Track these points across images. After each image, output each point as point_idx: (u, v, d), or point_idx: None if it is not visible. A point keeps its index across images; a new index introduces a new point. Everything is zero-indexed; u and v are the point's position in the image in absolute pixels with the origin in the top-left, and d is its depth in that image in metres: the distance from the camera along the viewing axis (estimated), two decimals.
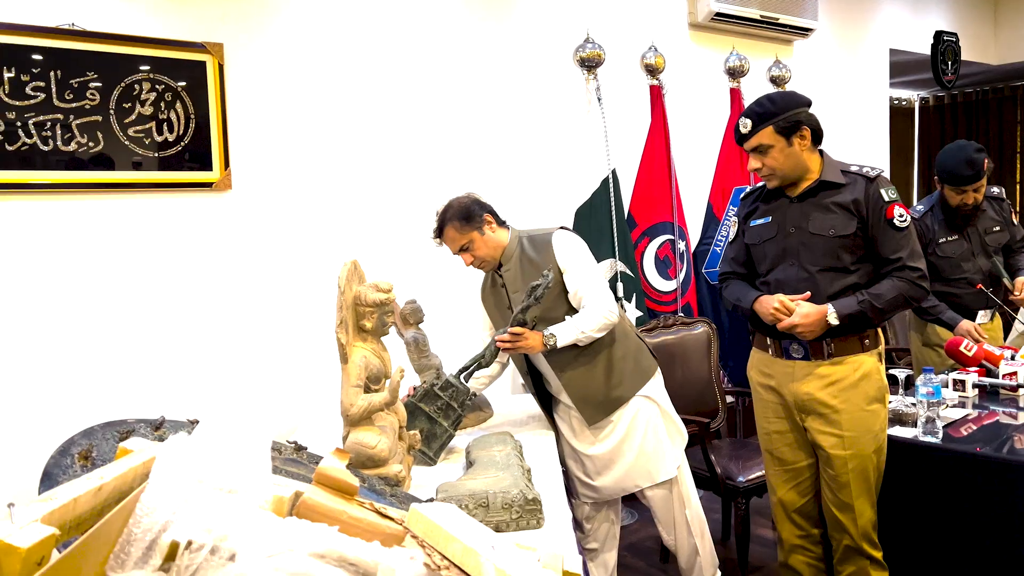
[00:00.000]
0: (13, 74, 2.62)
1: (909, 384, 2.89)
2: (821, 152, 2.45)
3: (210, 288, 3.04)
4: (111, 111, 2.80)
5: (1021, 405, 2.83)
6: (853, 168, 2.42)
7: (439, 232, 2.52)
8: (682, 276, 4.04)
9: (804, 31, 4.87)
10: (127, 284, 2.88)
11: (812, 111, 2.42)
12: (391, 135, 3.46)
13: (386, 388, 2.01)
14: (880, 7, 5.72)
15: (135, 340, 2.90)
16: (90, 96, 2.76)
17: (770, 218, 2.50)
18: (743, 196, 2.70)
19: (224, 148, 3.02)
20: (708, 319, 3.67)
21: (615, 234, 3.73)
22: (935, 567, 2.48)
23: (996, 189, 3.49)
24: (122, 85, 2.82)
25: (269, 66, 3.15)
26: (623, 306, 3.63)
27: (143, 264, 2.91)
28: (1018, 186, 7.22)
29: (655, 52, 4.04)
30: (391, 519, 1.02)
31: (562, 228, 2.61)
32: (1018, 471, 2.29)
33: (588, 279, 2.49)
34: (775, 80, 4.65)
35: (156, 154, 2.90)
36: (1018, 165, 7.21)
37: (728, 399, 3.59)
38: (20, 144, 2.65)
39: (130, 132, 2.84)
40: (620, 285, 3.70)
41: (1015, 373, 2.95)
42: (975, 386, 2.94)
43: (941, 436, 2.51)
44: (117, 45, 2.80)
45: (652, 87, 4.05)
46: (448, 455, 2.35)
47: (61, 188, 2.74)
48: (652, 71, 4.05)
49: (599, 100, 3.78)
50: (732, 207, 4.16)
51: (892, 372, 2.84)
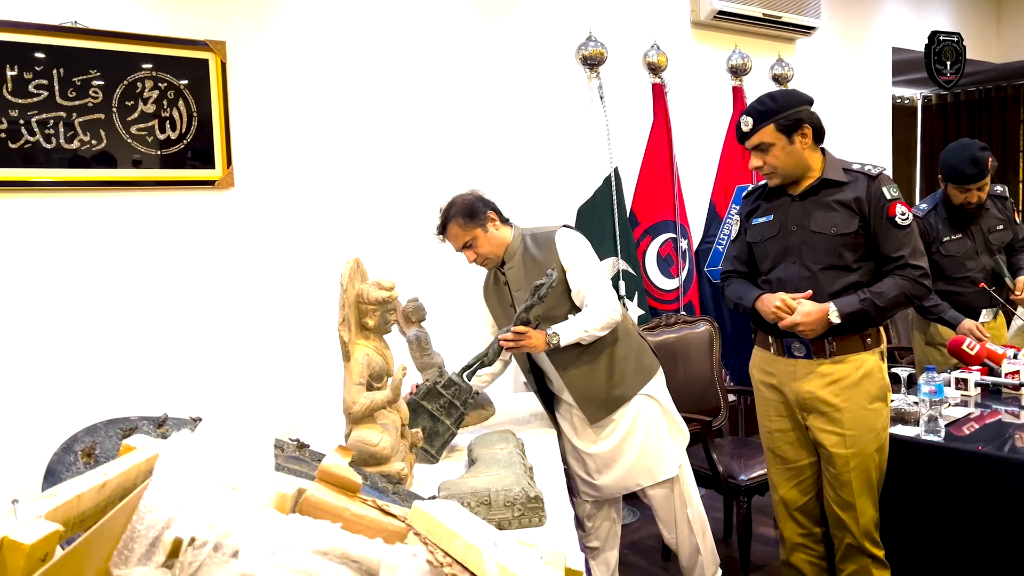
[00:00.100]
0: (16, 72, 2.63)
1: (911, 383, 2.88)
2: (823, 150, 2.45)
3: (212, 286, 3.04)
4: (114, 109, 2.80)
5: (1023, 404, 2.83)
6: (855, 166, 2.41)
7: (442, 229, 2.52)
8: (684, 274, 4.04)
9: (807, 29, 4.87)
10: (129, 282, 2.89)
11: (814, 109, 2.42)
12: (394, 133, 3.46)
13: (388, 386, 2.01)
14: (883, 5, 5.71)
15: (138, 338, 2.90)
16: (93, 94, 2.76)
17: (772, 216, 2.50)
18: (745, 194, 2.70)
19: (226, 146, 3.02)
20: (710, 317, 3.67)
21: (617, 232, 3.73)
22: (937, 566, 2.48)
23: (1000, 188, 3.48)
24: (125, 83, 2.82)
25: (271, 64, 3.16)
26: (625, 305, 3.63)
27: (145, 262, 2.92)
28: (1021, 184, 7.20)
29: (657, 50, 4.04)
30: (394, 516, 1.03)
31: (565, 226, 2.61)
32: (1020, 470, 2.29)
33: (591, 277, 2.49)
34: (777, 78, 4.64)
35: (158, 152, 2.90)
36: (1020, 164, 7.19)
37: (730, 397, 3.59)
38: (23, 142, 2.65)
39: (133, 130, 2.85)
40: (622, 283, 3.70)
41: (1017, 372, 2.94)
42: (977, 385, 2.93)
43: (943, 435, 2.50)
44: (120, 43, 2.80)
45: (654, 85, 4.05)
46: (450, 453, 2.35)
47: (64, 186, 2.75)
48: (654, 69, 4.05)
49: (601, 98, 3.78)
50: (734, 205, 4.16)
51: (894, 371, 2.84)
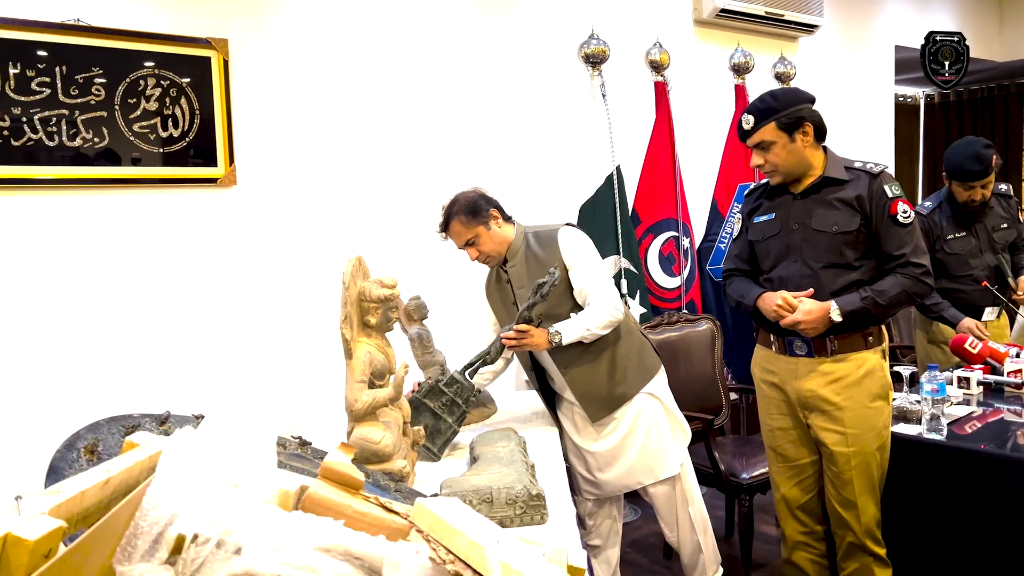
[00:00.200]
0: (18, 70, 2.63)
1: (914, 381, 2.88)
2: (825, 149, 2.45)
3: (215, 284, 3.05)
4: (116, 107, 2.81)
5: None
6: (857, 164, 2.41)
7: (445, 226, 2.52)
8: (686, 273, 4.04)
9: (809, 27, 4.86)
10: (132, 279, 2.89)
11: (816, 108, 2.42)
12: (396, 131, 3.46)
13: (390, 384, 2.01)
14: (885, 4, 5.70)
15: (140, 335, 2.91)
16: (95, 92, 2.77)
17: (773, 215, 2.50)
18: (747, 193, 2.70)
19: (229, 144, 3.02)
20: (712, 316, 3.67)
21: (619, 231, 3.73)
22: (939, 564, 2.48)
23: (1004, 186, 3.47)
24: (127, 81, 2.82)
25: (274, 62, 3.16)
26: (627, 303, 3.63)
27: (148, 260, 2.92)
28: None
29: (660, 48, 4.04)
30: (396, 513, 1.03)
31: (568, 224, 2.60)
32: (1022, 469, 2.28)
33: (594, 276, 2.48)
34: (780, 77, 4.64)
35: (161, 150, 2.90)
36: (1023, 162, 7.18)
37: (732, 396, 3.59)
38: (26, 139, 2.65)
39: (135, 128, 2.85)
40: (624, 282, 3.70)
41: (1020, 371, 2.94)
42: (980, 383, 2.93)
43: (945, 433, 2.50)
44: (122, 41, 2.80)
45: (657, 83, 4.05)
46: (452, 451, 2.36)
47: (66, 184, 2.75)
48: (657, 67, 4.04)
49: (604, 96, 3.78)
50: (736, 204, 4.16)
51: (897, 369, 2.84)
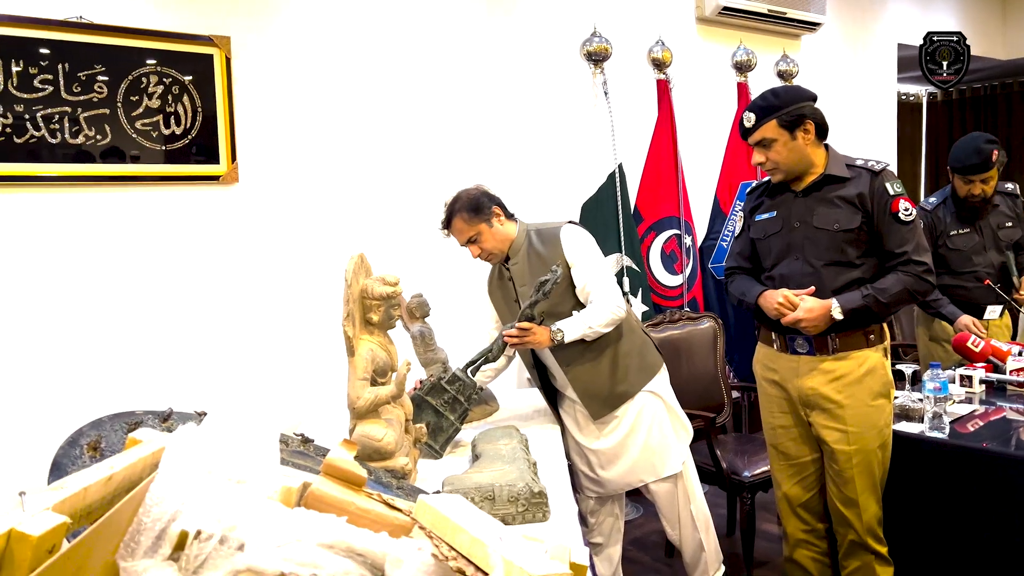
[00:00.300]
0: (21, 67, 2.63)
1: (916, 380, 2.88)
2: (827, 146, 2.44)
3: (217, 281, 3.05)
4: (118, 104, 2.81)
5: None
6: (858, 162, 2.41)
7: (447, 223, 2.52)
8: (688, 271, 4.04)
9: (812, 25, 4.85)
10: (134, 277, 2.89)
11: (818, 106, 2.41)
12: (398, 128, 3.46)
13: (392, 381, 2.01)
14: (888, 2, 5.69)
15: (142, 332, 2.91)
16: (98, 89, 2.77)
17: (775, 212, 2.49)
18: (749, 191, 2.70)
19: (231, 141, 3.02)
20: (714, 314, 3.67)
21: (621, 229, 3.73)
22: (941, 562, 2.48)
23: (1011, 185, 3.47)
24: (129, 78, 2.82)
25: (276, 59, 3.16)
26: (629, 301, 3.63)
27: (150, 257, 2.92)
28: None
29: (662, 46, 4.04)
30: (399, 510, 1.03)
31: (570, 222, 2.60)
32: None
33: (596, 274, 2.48)
34: (782, 75, 4.63)
35: (163, 147, 2.91)
36: None
37: (734, 394, 3.59)
38: (28, 137, 2.65)
39: (137, 125, 2.85)
40: (626, 280, 3.70)
41: (1022, 369, 2.94)
42: (982, 382, 2.93)
43: (948, 432, 2.50)
44: (124, 38, 2.81)
45: (659, 81, 4.04)
46: (454, 448, 2.36)
47: (69, 181, 2.75)
48: (659, 65, 4.04)
49: (606, 94, 3.77)
50: (739, 202, 4.16)
51: (899, 367, 2.84)
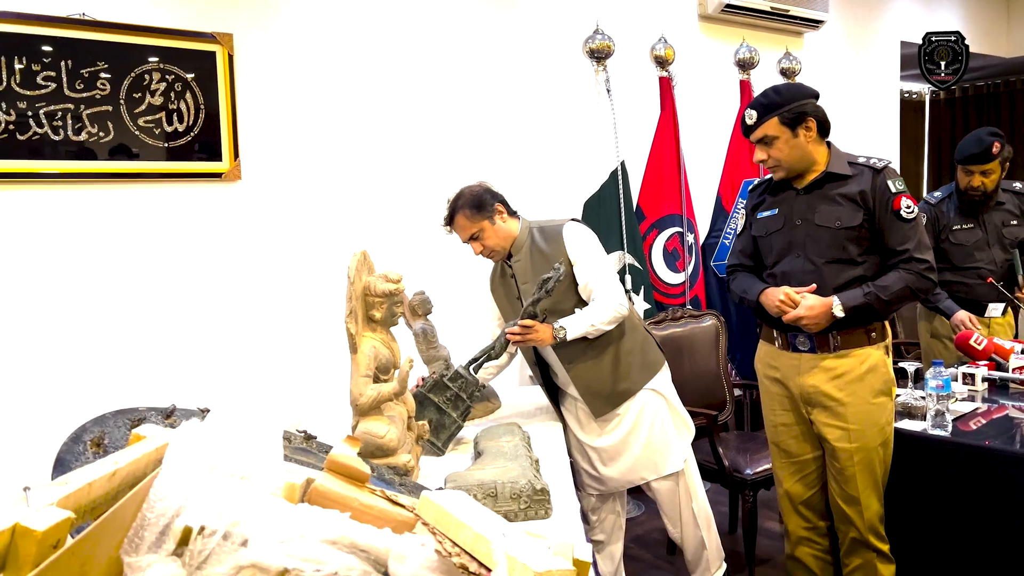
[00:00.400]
0: (24, 64, 2.63)
1: (919, 377, 2.88)
2: (829, 144, 2.44)
3: (220, 279, 3.05)
4: (121, 101, 2.81)
5: None
6: (860, 159, 2.40)
7: (450, 220, 2.51)
8: (690, 269, 4.04)
9: (814, 23, 4.85)
10: (136, 274, 2.90)
11: (821, 103, 2.41)
12: (401, 126, 3.46)
13: (395, 378, 2.01)
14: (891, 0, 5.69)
15: (145, 329, 2.91)
16: (100, 86, 2.77)
17: (777, 210, 2.49)
18: (751, 188, 2.70)
19: (234, 138, 3.03)
20: (716, 312, 3.67)
21: (624, 226, 3.72)
22: (943, 560, 2.48)
23: (1018, 184, 3.47)
24: (132, 75, 2.82)
25: (279, 56, 3.15)
26: (631, 299, 3.63)
27: (153, 254, 2.92)
28: None
29: (665, 44, 4.03)
30: (402, 506, 1.03)
31: (573, 220, 2.60)
32: None
33: (599, 271, 2.48)
34: (785, 72, 4.62)
35: (166, 144, 2.91)
36: None
37: (736, 392, 3.59)
38: (31, 134, 2.66)
39: (140, 122, 2.85)
40: (628, 278, 3.70)
41: None
42: (985, 380, 2.93)
43: (950, 429, 2.50)
44: (127, 35, 2.81)
45: (661, 79, 4.04)
46: (456, 446, 2.36)
47: (71, 178, 2.75)
48: (662, 63, 4.03)
49: (608, 92, 3.77)
50: (741, 199, 4.15)
51: (902, 365, 2.83)
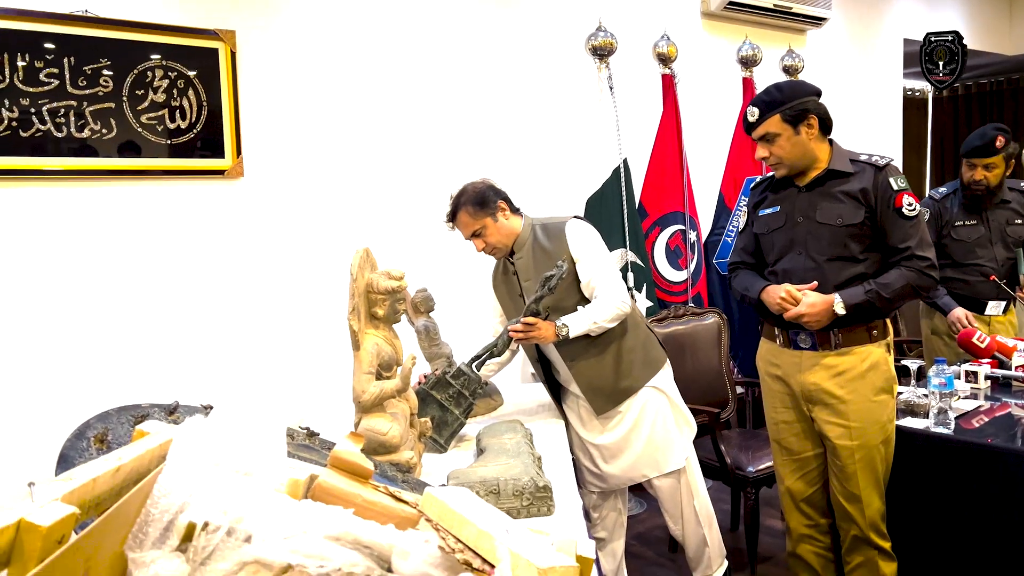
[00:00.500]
0: (27, 61, 2.63)
1: (921, 375, 2.88)
2: (831, 141, 2.44)
3: (222, 276, 3.05)
4: (124, 98, 2.81)
5: None
6: (862, 157, 2.40)
7: (452, 216, 2.51)
8: (693, 266, 4.04)
9: (817, 20, 4.84)
10: (139, 271, 2.90)
11: (823, 101, 2.41)
12: (403, 123, 3.46)
13: (398, 375, 2.01)
14: None
15: (148, 326, 2.92)
16: (103, 83, 2.77)
17: (778, 207, 2.49)
18: (752, 186, 2.70)
19: (236, 135, 3.03)
20: (719, 309, 3.67)
21: (626, 224, 3.72)
22: (945, 558, 2.48)
23: None
24: (135, 72, 2.82)
25: (281, 53, 3.15)
26: (633, 296, 3.63)
27: (155, 251, 2.93)
28: None
29: (667, 41, 4.02)
30: (405, 503, 1.03)
31: (575, 217, 2.60)
32: None
33: (601, 269, 2.48)
34: (788, 70, 4.61)
35: (168, 141, 2.91)
36: None
37: (738, 389, 3.59)
38: (34, 131, 2.66)
39: (143, 119, 2.85)
40: (631, 275, 3.69)
41: None
42: (987, 378, 2.92)
43: (953, 427, 2.50)
44: (130, 32, 2.81)
45: (664, 76, 4.03)
46: (459, 443, 2.36)
47: (74, 175, 2.76)
48: (664, 60, 4.03)
49: (611, 89, 3.77)
50: (743, 197, 4.15)
51: (904, 363, 2.83)
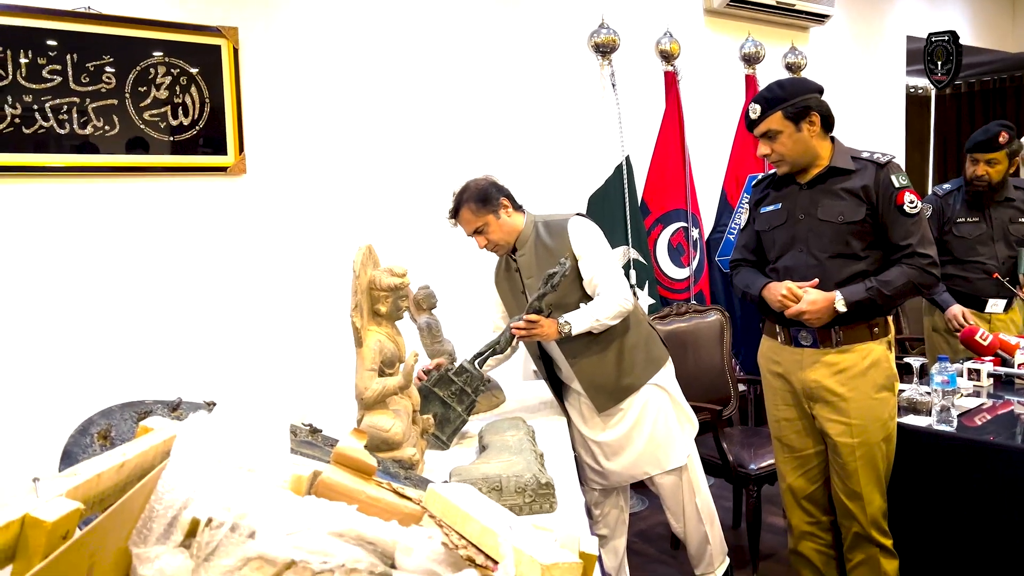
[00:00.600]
0: (29, 58, 2.63)
1: (924, 373, 2.88)
2: (833, 139, 2.44)
3: (225, 272, 3.05)
4: (127, 95, 2.81)
5: None
6: (864, 154, 2.40)
7: (455, 213, 2.51)
8: (695, 264, 4.03)
9: (820, 17, 4.83)
10: (142, 267, 2.90)
11: (826, 98, 2.40)
12: (406, 120, 3.46)
13: (400, 372, 2.01)
14: None
15: (151, 323, 2.92)
16: (106, 80, 2.77)
17: (780, 205, 2.49)
18: (754, 183, 2.70)
19: (239, 132, 3.03)
20: (721, 307, 3.67)
21: (628, 221, 3.72)
22: (947, 556, 2.48)
23: None
24: (137, 69, 2.82)
25: (284, 50, 3.15)
26: (636, 294, 3.63)
27: (158, 248, 2.93)
28: None
29: (670, 38, 4.02)
30: (409, 499, 1.03)
31: (578, 214, 2.60)
32: None
33: (603, 266, 2.48)
34: (791, 67, 4.61)
35: (171, 138, 2.91)
36: None
37: (740, 387, 3.59)
38: (37, 127, 2.66)
39: (145, 116, 2.85)
40: (633, 273, 3.69)
41: None
42: (990, 375, 2.92)
43: (955, 425, 2.50)
44: (132, 29, 2.81)
45: (667, 73, 4.03)
46: (461, 440, 2.36)
47: (77, 171, 2.76)
48: (667, 57, 4.02)
49: (613, 86, 3.76)
50: (746, 195, 4.15)
51: (907, 360, 2.83)
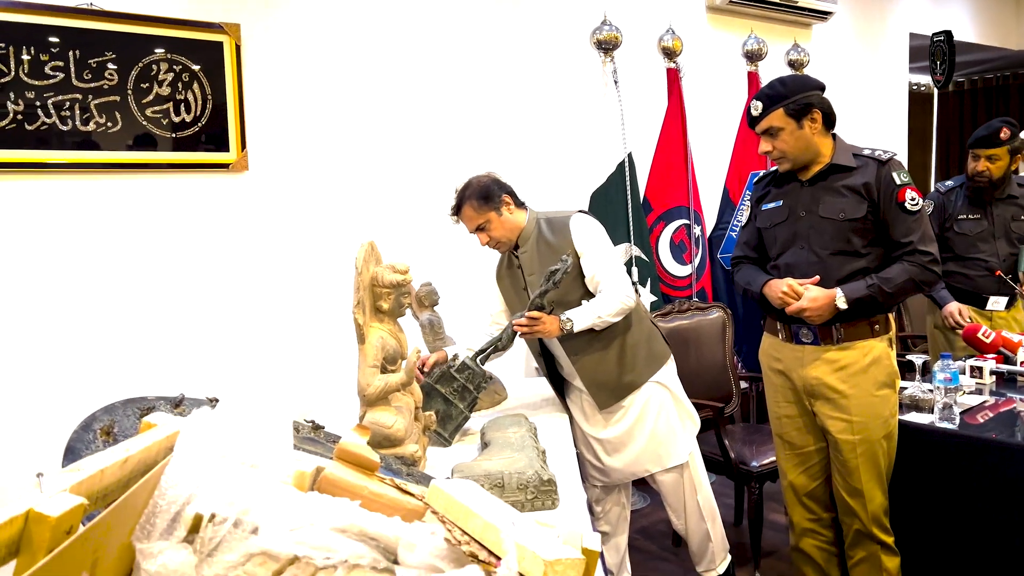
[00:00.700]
0: (32, 55, 2.63)
1: (926, 370, 2.88)
2: (834, 136, 2.43)
3: (227, 269, 3.06)
4: (129, 91, 2.81)
5: None
6: (865, 151, 2.39)
7: (457, 210, 2.51)
8: (697, 261, 4.03)
9: (823, 14, 4.82)
10: (144, 264, 2.90)
11: (829, 95, 2.40)
12: (408, 117, 3.46)
13: (402, 369, 2.02)
14: None
15: (154, 319, 2.92)
16: (108, 76, 2.77)
17: (781, 202, 2.49)
18: (756, 180, 2.70)
19: (241, 129, 3.03)
20: (723, 304, 3.66)
21: (630, 218, 3.72)
22: (949, 553, 2.48)
23: None
24: (140, 65, 2.82)
25: (286, 47, 3.15)
26: (638, 291, 3.63)
27: (160, 244, 2.93)
28: None
29: (672, 35, 4.01)
30: (412, 495, 1.03)
31: (580, 211, 2.60)
32: None
33: (606, 263, 2.48)
34: (793, 64, 4.60)
35: (173, 135, 2.91)
36: None
37: (742, 384, 3.59)
38: (39, 124, 2.66)
39: (147, 112, 2.85)
40: (635, 270, 3.69)
41: None
42: (992, 373, 2.92)
43: (958, 422, 2.50)
44: (135, 25, 2.81)
45: (669, 70, 4.02)
46: (463, 436, 2.36)
47: (79, 168, 2.76)
48: (669, 54, 4.02)
49: (616, 83, 3.76)
50: (748, 192, 4.14)
51: (909, 358, 2.83)
